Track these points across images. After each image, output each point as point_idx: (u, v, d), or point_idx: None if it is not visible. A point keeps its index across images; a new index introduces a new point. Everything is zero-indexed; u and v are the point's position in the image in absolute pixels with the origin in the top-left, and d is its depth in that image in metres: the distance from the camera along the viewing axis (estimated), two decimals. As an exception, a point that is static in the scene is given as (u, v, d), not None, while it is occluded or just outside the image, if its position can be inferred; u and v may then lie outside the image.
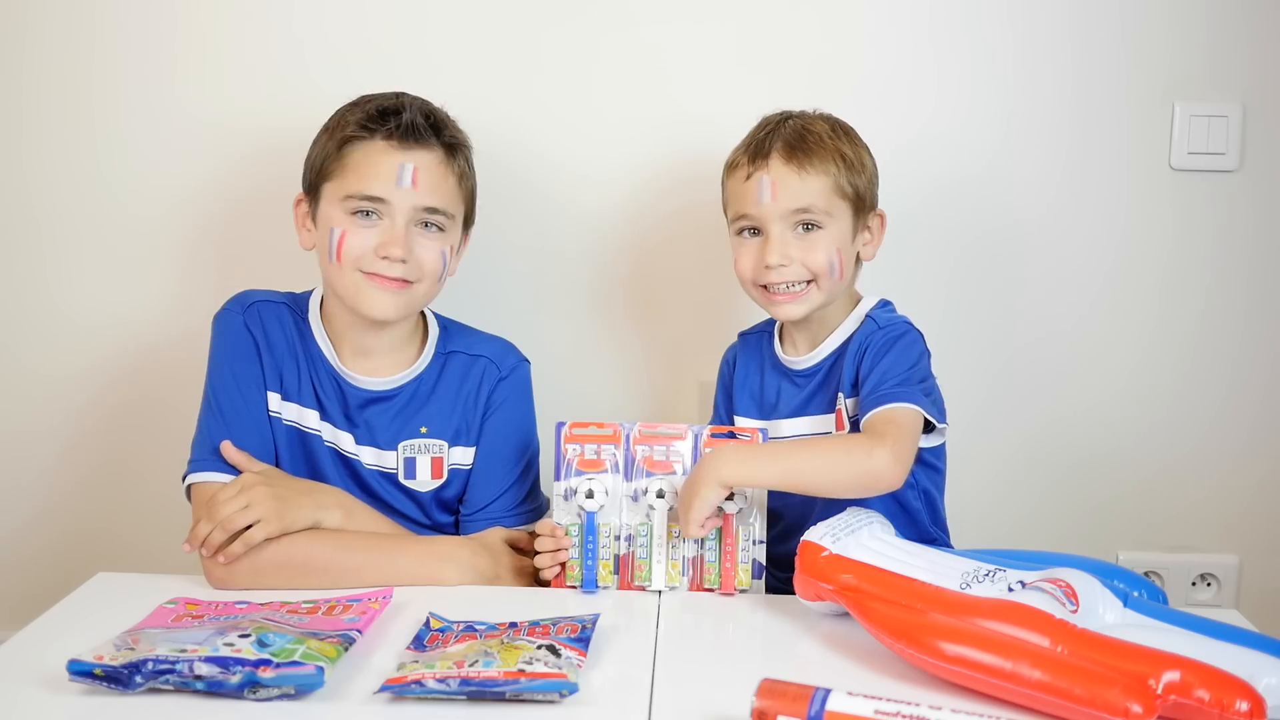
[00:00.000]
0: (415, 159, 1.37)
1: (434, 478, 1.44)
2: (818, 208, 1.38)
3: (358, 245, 1.36)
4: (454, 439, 1.44)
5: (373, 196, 1.36)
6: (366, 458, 1.43)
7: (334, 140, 1.39)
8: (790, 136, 1.40)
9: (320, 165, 1.40)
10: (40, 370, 1.82)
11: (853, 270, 1.44)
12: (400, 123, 1.36)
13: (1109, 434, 1.80)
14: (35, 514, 1.86)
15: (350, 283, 1.38)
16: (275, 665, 1.01)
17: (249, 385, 1.40)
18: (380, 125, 1.37)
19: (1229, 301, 1.76)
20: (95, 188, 1.77)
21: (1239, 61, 1.70)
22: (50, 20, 1.73)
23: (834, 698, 0.94)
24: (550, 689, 1.01)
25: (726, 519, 1.30)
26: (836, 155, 1.39)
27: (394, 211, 1.36)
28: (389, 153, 1.36)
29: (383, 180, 1.36)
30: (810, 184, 1.37)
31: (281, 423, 1.41)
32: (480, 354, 1.47)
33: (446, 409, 1.44)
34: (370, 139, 1.37)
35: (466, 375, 1.45)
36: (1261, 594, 1.81)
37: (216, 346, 1.42)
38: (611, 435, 1.32)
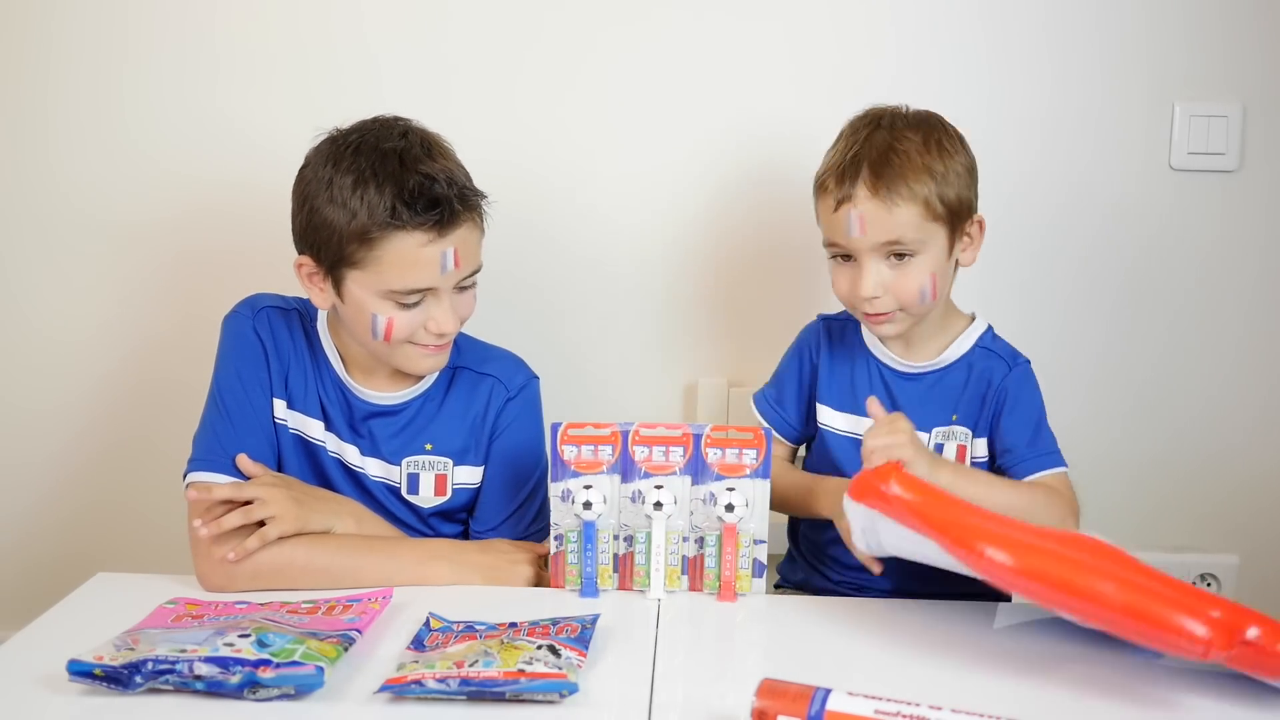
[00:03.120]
0: (454, 240, 1.29)
1: (437, 494, 1.43)
2: (909, 238, 1.34)
3: (406, 326, 1.32)
4: (459, 458, 1.43)
5: (417, 289, 1.30)
6: (372, 470, 1.42)
7: (353, 227, 1.27)
8: (876, 161, 1.33)
9: (338, 250, 1.29)
10: (40, 370, 1.82)
11: (951, 280, 1.42)
12: (440, 215, 1.27)
13: (1108, 434, 1.80)
14: (35, 514, 1.86)
15: (400, 355, 1.35)
16: (275, 665, 1.01)
17: (255, 389, 1.39)
18: (415, 216, 1.26)
19: (1229, 301, 1.77)
20: (101, 180, 1.78)
21: (1239, 61, 1.70)
22: (73, 23, 1.73)
23: (834, 698, 0.94)
24: (550, 689, 1.01)
25: (728, 529, 1.29)
26: (926, 177, 1.33)
27: (439, 293, 1.32)
28: (430, 244, 1.28)
29: (427, 271, 1.29)
30: (899, 216, 1.33)
31: (288, 430, 1.40)
32: (488, 373, 1.44)
33: (452, 427, 1.43)
34: (405, 232, 1.27)
35: (473, 394, 1.43)
36: (1261, 594, 1.81)
37: (225, 348, 1.41)
38: (610, 436, 1.32)
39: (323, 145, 1.33)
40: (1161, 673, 1.14)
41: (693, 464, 1.31)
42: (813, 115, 1.69)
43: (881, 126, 1.37)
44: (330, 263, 1.31)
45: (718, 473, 1.31)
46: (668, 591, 1.30)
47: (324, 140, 1.34)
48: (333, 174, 1.29)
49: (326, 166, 1.30)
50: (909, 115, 1.39)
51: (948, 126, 1.40)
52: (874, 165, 1.34)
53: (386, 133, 1.31)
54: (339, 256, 1.30)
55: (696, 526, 1.31)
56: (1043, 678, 1.12)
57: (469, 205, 1.31)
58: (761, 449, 1.31)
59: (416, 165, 1.28)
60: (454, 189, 1.29)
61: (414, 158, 1.29)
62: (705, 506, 1.31)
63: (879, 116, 1.39)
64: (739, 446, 1.31)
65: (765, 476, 1.30)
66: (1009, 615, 1.26)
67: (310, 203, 1.31)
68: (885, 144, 1.35)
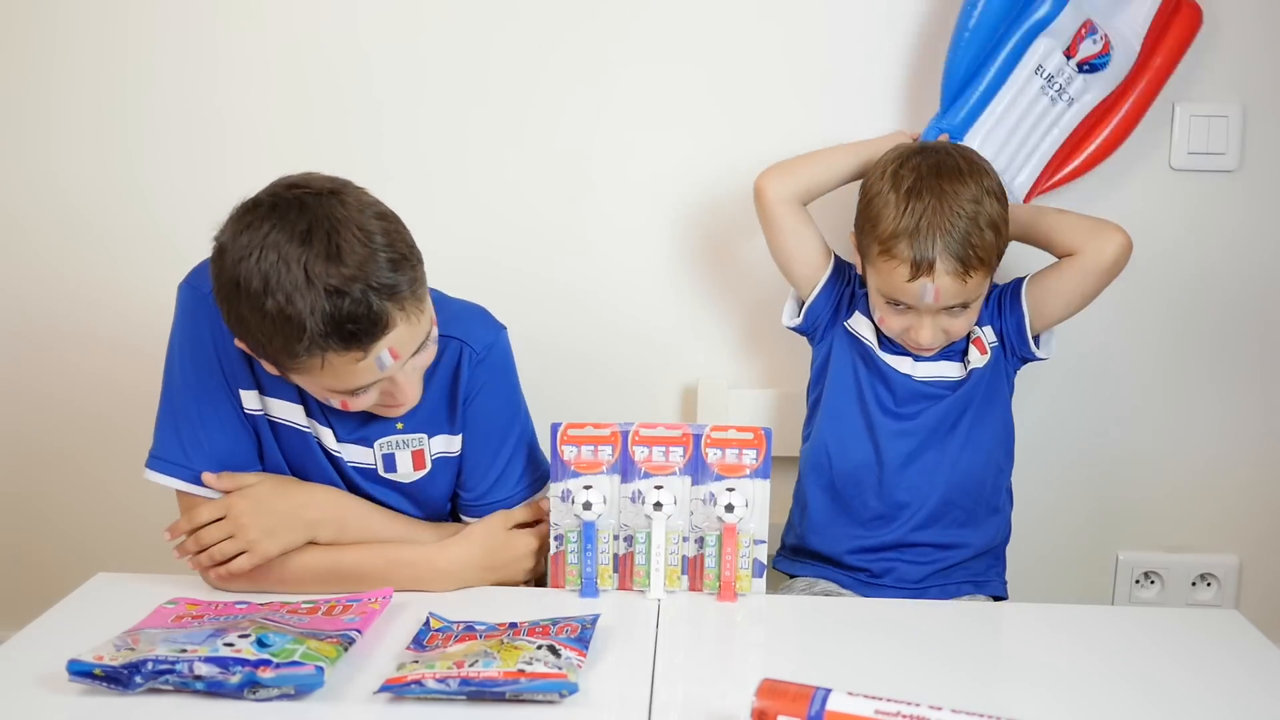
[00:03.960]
0: (387, 343, 1.18)
1: (416, 469, 1.38)
2: (974, 295, 1.41)
3: (364, 403, 1.25)
4: (433, 429, 1.37)
5: (359, 388, 1.22)
6: (349, 454, 1.37)
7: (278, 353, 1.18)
8: (956, 247, 1.36)
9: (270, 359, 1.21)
10: (40, 369, 1.82)
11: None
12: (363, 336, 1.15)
13: (1109, 434, 1.80)
14: (35, 514, 1.86)
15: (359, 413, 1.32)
16: (275, 665, 1.01)
17: (220, 380, 1.32)
18: (339, 344, 1.15)
19: (1229, 301, 1.76)
20: (106, 177, 1.78)
21: (1239, 61, 1.70)
22: (77, 24, 1.74)
23: (834, 698, 0.94)
24: (550, 689, 1.01)
25: (728, 529, 1.29)
26: (995, 255, 1.41)
27: (384, 380, 1.23)
28: (361, 356, 1.17)
29: (363, 375, 1.20)
30: (973, 285, 1.39)
31: (265, 420, 1.35)
32: (452, 334, 1.35)
33: (423, 400, 1.33)
34: (332, 354, 1.16)
35: (439, 360, 1.34)
36: (1261, 594, 1.81)
37: (181, 327, 1.33)
38: (610, 436, 1.32)
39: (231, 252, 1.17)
40: (1162, 673, 1.14)
41: (693, 464, 1.31)
42: (814, 115, 1.70)
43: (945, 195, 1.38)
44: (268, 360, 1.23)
45: (718, 473, 1.31)
46: (668, 591, 1.30)
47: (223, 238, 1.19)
48: (244, 302, 1.16)
49: (233, 301, 1.17)
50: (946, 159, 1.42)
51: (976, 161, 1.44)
52: (954, 252, 1.36)
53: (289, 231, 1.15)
54: (273, 363, 1.22)
55: (696, 526, 1.31)
56: (1043, 678, 1.13)
57: (399, 302, 1.17)
58: (761, 449, 1.31)
59: (328, 281, 1.13)
60: (374, 297, 1.15)
61: (326, 271, 1.13)
62: (705, 506, 1.31)
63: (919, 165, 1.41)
64: (739, 446, 1.31)
65: (765, 476, 1.30)
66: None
67: (233, 315, 1.19)
68: (963, 232, 1.37)
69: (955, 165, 1.41)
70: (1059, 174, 1.64)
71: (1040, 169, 1.61)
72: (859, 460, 1.48)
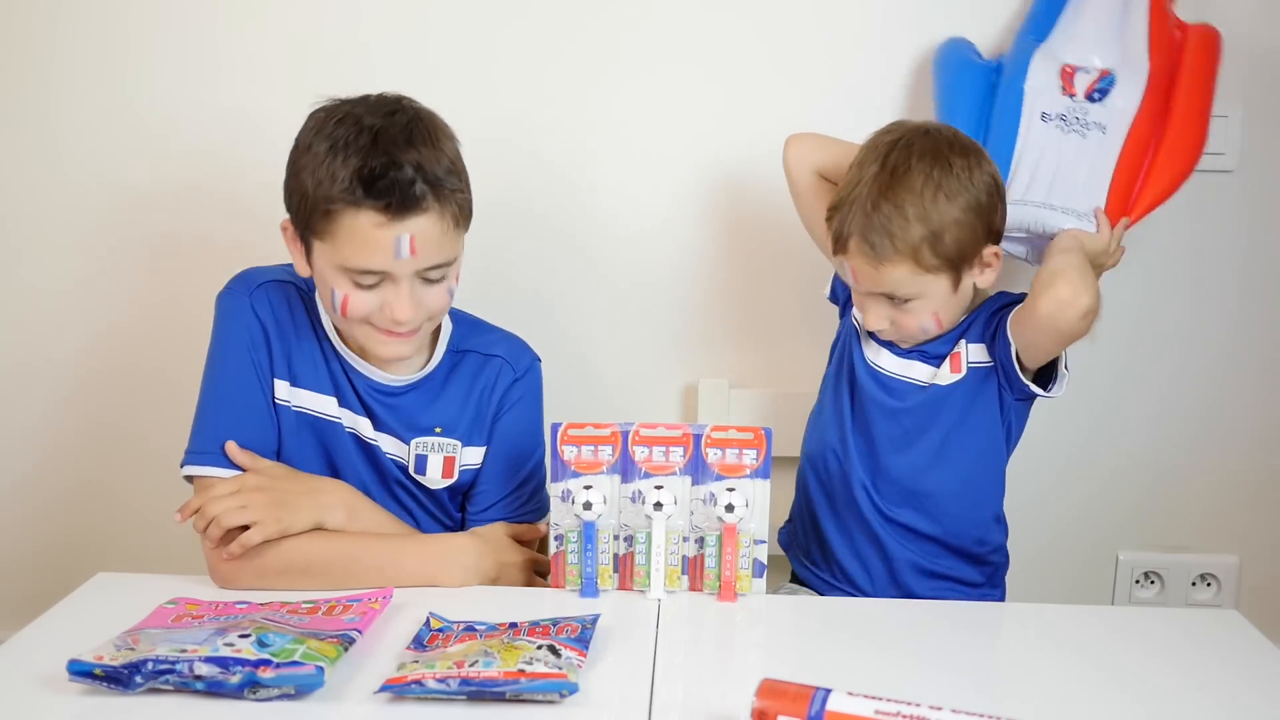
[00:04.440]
0: (412, 227, 1.25)
1: (444, 476, 1.42)
2: (901, 291, 1.35)
3: (362, 306, 1.30)
4: (467, 439, 1.43)
5: (370, 270, 1.28)
6: (385, 445, 1.41)
7: (317, 196, 1.26)
8: (869, 214, 1.32)
9: (306, 217, 1.29)
10: (39, 369, 1.82)
11: (966, 303, 1.41)
12: (393, 199, 1.24)
13: (1109, 434, 1.80)
14: (35, 514, 1.86)
15: (360, 334, 1.35)
16: (275, 665, 1.01)
17: (252, 374, 1.37)
18: (368, 196, 1.24)
19: (1229, 302, 1.77)
20: (99, 175, 1.78)
21: (1239, 62, 1.70)
22: (76, 20, 1.73)
23: (834, 698, 0.94)
24: (550, 689, 1.01)
25: (728, 529, 1.29)
26: (919, 238, 1.31)
27: (395, 278, 1.29)
28: (383, 226, 1.25)
29: (380, 254, 1.26)
30: (887, 274, 1.33)
31: (291, 410, 1.38)
32: (495, 354, 1.44)
33: (459, 409, 1.42)
34: (358, 210, 1.24)
35: (479, 375, 1.43)
36: (1261, 594, 1.81)
37: (220, 330, 1.38)
38: (610, 436, 1.32)
39: (319, 111, 1.32)
40: (1162, 673, 1.14)
41: (693, 464, 1.31)
42: (814, 114, 1.70)
43: (886, 166, 1.33)
44: (301, 228, 1.31)
45: (718, 473, 1.31)
46: (668, 591, 1.30)
47: (321, 106, 1.32)
48: (313, 140, 1.28)
49: (311, 132, 1.30)
50: (922, 145, 1.34)
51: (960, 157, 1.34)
52: (865, 221, 1.32)
53: (376, 109, 1.29)
54: (307, 224, 1.29)
55: (696, 526, 1.31)
56: (1043, 678, 1.13)
57: (438, 195, 1.27)
58: (761, 449, 1.31)
59: (387, 146, 1.25)
60: (419, 175, 1.25)
61: (389, 138, 1.26)
62: (705, 506, 1.31)
63: (892, 145, 1.35)
64: (739, 446, 1.31)
65: (765, 477, 1.30)
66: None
67: (293, 165, 1.31)
68: (880, 193, 1.32)
69: (937, 152, 1.33)
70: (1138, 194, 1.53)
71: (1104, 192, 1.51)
72: (827, 443, 1.47)
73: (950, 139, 1.36)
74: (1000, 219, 1.39)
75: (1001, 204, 1.39)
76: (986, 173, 1.36)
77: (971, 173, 1.34)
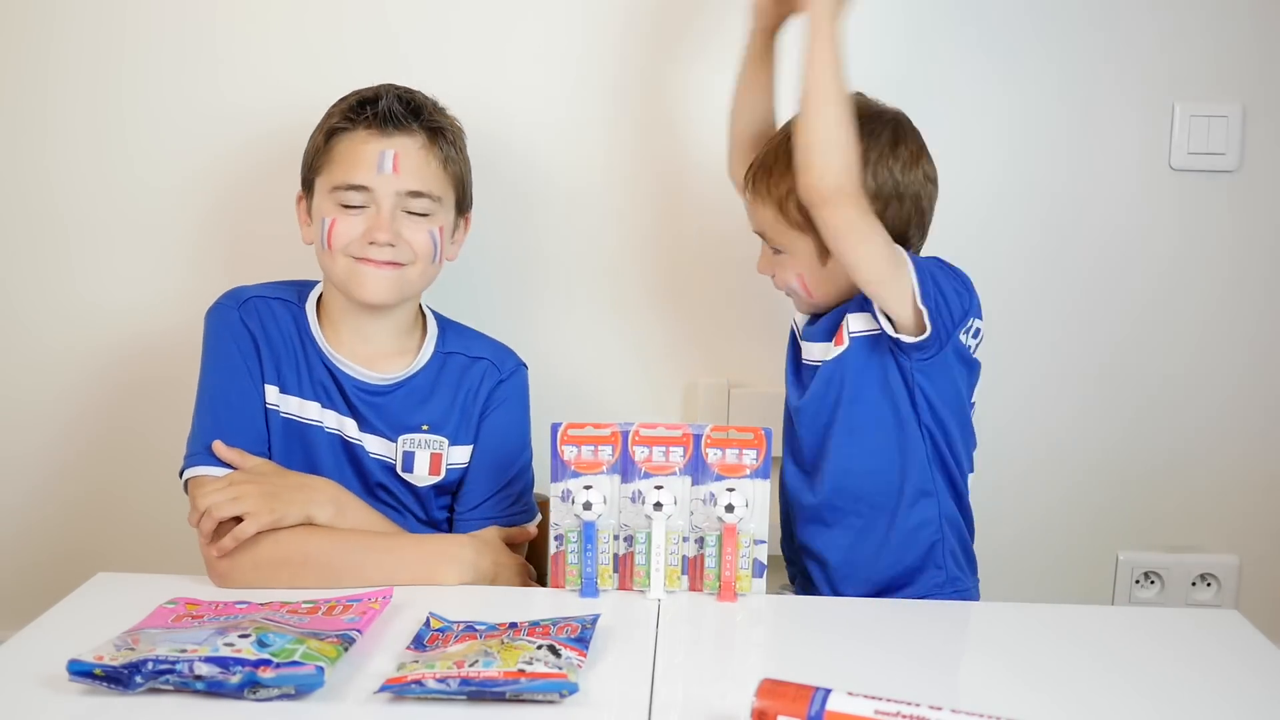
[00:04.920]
0: (395, 144, 1.39)
1: (431, 474, 1.45)
2: (770, 236, 1.40)
3: (346, 232, 1.39)
4: (454, 438, 1.46)
5: (356, 185, 1.38)
6: (370, 446, 1.44)
7: (321, 134, 1.43)
8: (762, 155, 1.40)
9: (311, 160, 1.44)
10: (38, 367, 1.82)
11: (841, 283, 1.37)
12: (378, 110, 1.39)
13: (1109, 434, 1.80)
14: (36, 514, 1.86)
15: (343, 268, 1.40)
16: (275, 665, 1.01)
17: (244, 380, 1.40)
18: (360, 115, 1.40)
19: (1229, 302, 1.77)
20: (99, 177, 1.77)
21: (1239, 61, 1.70)
22: (74, 18, 1.73)
23: (834, 698, 0.94)
24: (550, 689, 1.01)
25: (728, 529, 1.29)
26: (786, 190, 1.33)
27: (378, 198, 1.39)
28: (370, 140, 1.39)
29: (365, 168, 1.38)
30: (758, 212, 1.40)
31: (279, 416, 1.42)
32: (480, 355, 1.49)
33: (446, 408, 1.45)
34: (353, 129, 1.40)
35: (465, 375, 1.47)
36: (1261, 594, 1.81)
37: (210, 342, 1.43)
38: (610, 436, 1.32)
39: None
40: (1162, 673, 1.14)
41: (693, 464, 1.31)
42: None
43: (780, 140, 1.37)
44: (306, 178, 1.45)
45: (718, 473, 1.31)
46: (668, 591, 1.30)
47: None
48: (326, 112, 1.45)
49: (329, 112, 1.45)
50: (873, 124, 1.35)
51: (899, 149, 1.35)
52: (762, 155, 1.39)
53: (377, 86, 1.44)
54: (310, 167, 1.43)
55: (696, 526, 1.31)
56: (1043, 678, 1.12)
57: (425, 123, 1.41)
58: (761, 449, 1.31)
59: (381, 86, 1.43)
60: (408, 102, 1.41)
61: (389, 87, 1.43)
62: (705, 506, 1.31)
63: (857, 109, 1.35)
64: (739, 446, 1.31)
65: (765, 477, 1.30)
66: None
67: (317, 128, 1.45)
68: (779, 141, 1.37)
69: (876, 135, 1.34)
70: None
71: None
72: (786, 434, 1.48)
73: (909, 134, 1.38)
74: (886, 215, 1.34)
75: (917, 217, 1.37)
76: (914, 180, 1.35)
77: (893, 170, 1.34)
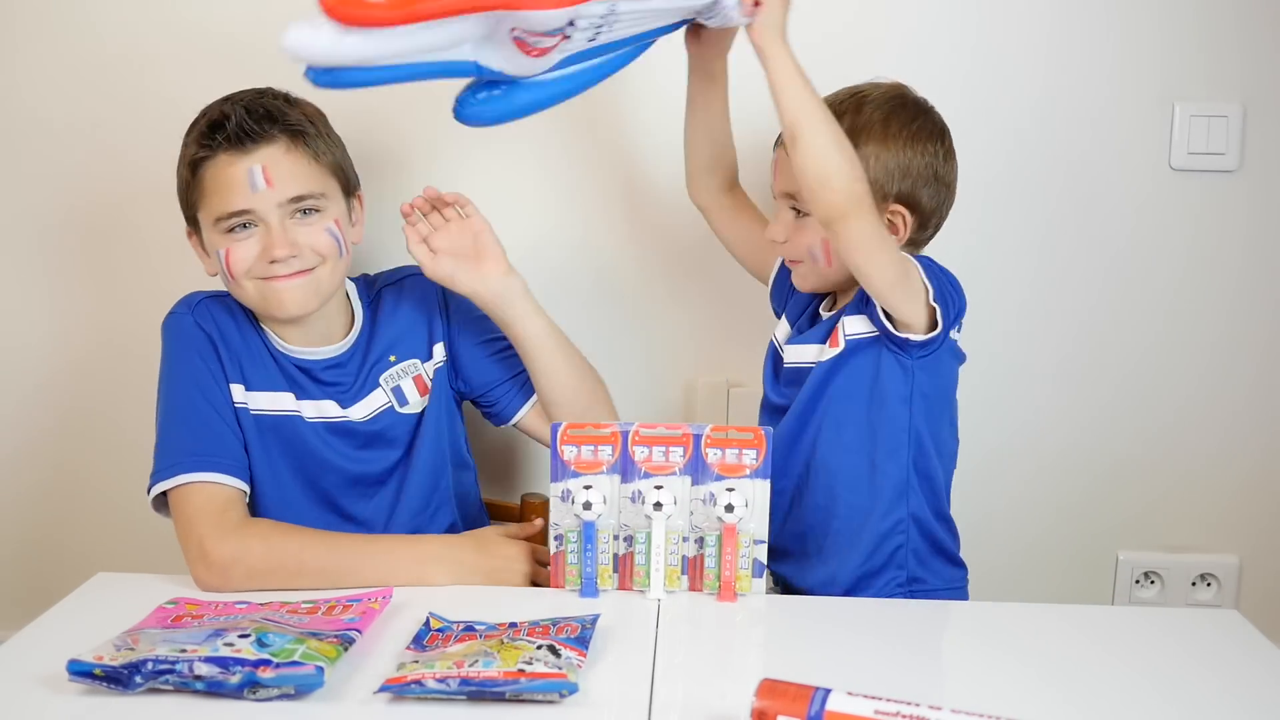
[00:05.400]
0: (259, 157, 1.35)
1: (422, 395, 1.48)
2: (797, 195, 1.39)
3: (244, 257, 1.37)
4: (425, 352, 1.50)
5: (236, 211, 1.36)
6: (358, 413, 1.45)
7: (185, 167, 1.39)
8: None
9: (186, 195, 1.40)
10: (37, 367, 1.82)
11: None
12: (229, 131, 1.34)
13: (1109, 434, 1.80)
14: (35, 514, 1.86)
15: (254, 292, 1.39)
16: (275, 665, 1.01)
17: (208, 379, 1.40)
18: (214, 139, 1.35)
19: (1230, 301, 1.76)
20: (73, 178, 1.77)
21: (1239, 62, 1.70)
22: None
23: (834, 698, 0.94)
24: (550, 689, 1.01)
25: (728, 529, 1.29)
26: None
27: (263, 215, 1.36)
28: (234, 163, 1.35)
29: (238, 191, 1.35)
30: (787, 173, 1.38)
31: (249, 414, 1.41)
32: (399, 277, 1.53)
33: (402, 329, 1.49)
34: (213, 156, 1.35)
35: (401, 295, 1.51)
36: (1261, 594, 1.81)
37: (168, 349, 1.43)
38: (610, 436, 1.32)
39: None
40: (1162, 673, 1.14)
41: (693, 464, 1.31)
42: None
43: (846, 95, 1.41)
44: (188, 214, 1.42)
45: (718, 473, 1.31)
46: (668, 591, 1.30)
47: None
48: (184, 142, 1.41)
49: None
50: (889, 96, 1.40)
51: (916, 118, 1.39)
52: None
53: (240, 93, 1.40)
54: (187, 203, 1.40)
55: (696, 526, 1.31)
56: (1042, 677, 1.12)
57: (282, 127, 1.36)
58: (762, 449, 1.31)
59: (224, 102, 1.38)
60: (255, 112, 1.35)
61: (234, 98, 1.38)
62: (705, 506, 1.31)
63: (852, 92, 1.42)
64: (739, 446, 1.31)
65: (765, 477, 1.30)
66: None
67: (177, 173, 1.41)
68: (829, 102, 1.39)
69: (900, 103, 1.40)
70: None
71: None
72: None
73: (917, 104, 1.41)
74: (923, 194, 1.38)
75: (933, 185, 1.39)
76: (931, 150, 1.39)
77: (916, 136, 1.38)
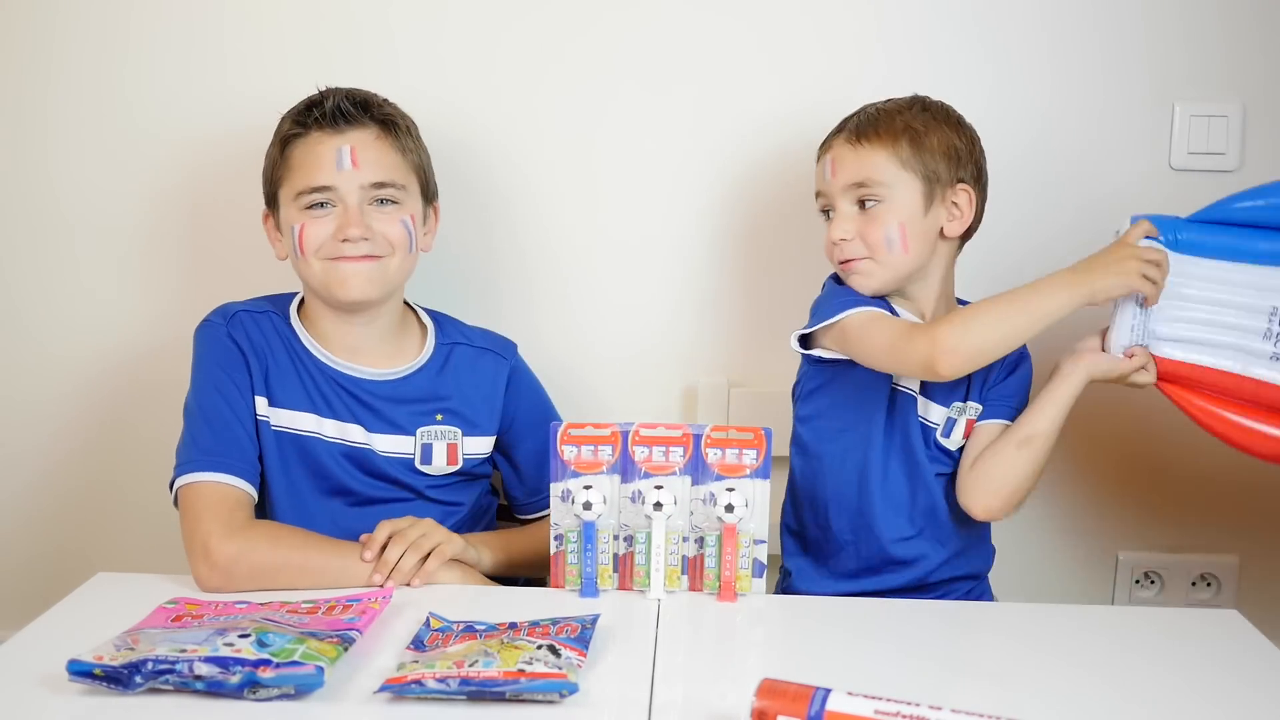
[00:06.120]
0: (350, 139, 1.41)
1: (449, 464, 1.47)
2: (874, 180, 1.39)
3: (317, 235, 1.40)
4: (470, 429, 1.48)
5: (319, 186, 1.40)
6: (381, 445, 1.44)
7: (276, 145, 1.45)
8: (864, 117, 1.43)
9: (271, 173, 1.46)
10: (38, 368, 1.82)
11: (932, 246, 1.43)
12: (326, 110, 1.41)
13: (1110, 434, 1.80)
14: (36, 514, 1.86)
15: (319, 271, 1.41)
16: (275, 665, 1.01)
17: (234, 392, 1.40)
18: (309, 117, 1.42)
19: (1229, 301, 1.76)
20: (67, 196, 1.77)
21: (1239, 61, 1.70)
22: (15, 26, 1.73)
23: (834, 698, 0.94)
24: (550, 689, 1.01)
25: (728, 529, 1.29)
26: (903, 129, 1.40)
27: (343, 195, 1.40)
28: (324, 140, 1.41)
29: (325, 168, 1.40)
30: (864, 155, 1.39)
31: (270, 428, 1.42)
32: (485, 347, 1.52)
33: (461, 399, 1.48)
34: (305, 134, 1.41)
35: (475, 366, 1.50)
36: (1261, 594, 1.81)
37: (200, 357, 1.44)
38: (610, 436, 1.32)
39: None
40: (1162, 673, 1.14)
41: (693, 464, 1.31)
42: (811, 115, 1.69)
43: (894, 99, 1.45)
44: (269, 193, 1.46)
45: (718, 473, 1.31)
46: (668, 591, 1.30)
47: None
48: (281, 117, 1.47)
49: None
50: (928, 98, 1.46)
51: (948, 111, 1.45)
52: (859, 120, 1.43)
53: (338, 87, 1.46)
54: (271, 180, 1.45)
55: (696, 526, 1.31)
56: (1043, 678, 1.13)
57: (376, 116, 1.43)
58: (761, 449, 1.31)
59: (325, 89, 1.45)
60: (354, 97, 1.43)
61: (334, 89, 1.45)
62: (705, 506, 1.31)
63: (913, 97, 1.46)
64: (739, 447, 1.31)
65: (765, 477, 1.30)
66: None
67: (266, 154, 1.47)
68: (880, 107, 1.44)
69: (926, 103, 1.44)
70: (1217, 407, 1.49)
71: (1191, 360, 1.48)
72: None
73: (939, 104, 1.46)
74: (981, 176, 1.46)
75: (983, 160, 1.46)
76: (970, 130, 1.45)
77: (955, 123, 1.44)
